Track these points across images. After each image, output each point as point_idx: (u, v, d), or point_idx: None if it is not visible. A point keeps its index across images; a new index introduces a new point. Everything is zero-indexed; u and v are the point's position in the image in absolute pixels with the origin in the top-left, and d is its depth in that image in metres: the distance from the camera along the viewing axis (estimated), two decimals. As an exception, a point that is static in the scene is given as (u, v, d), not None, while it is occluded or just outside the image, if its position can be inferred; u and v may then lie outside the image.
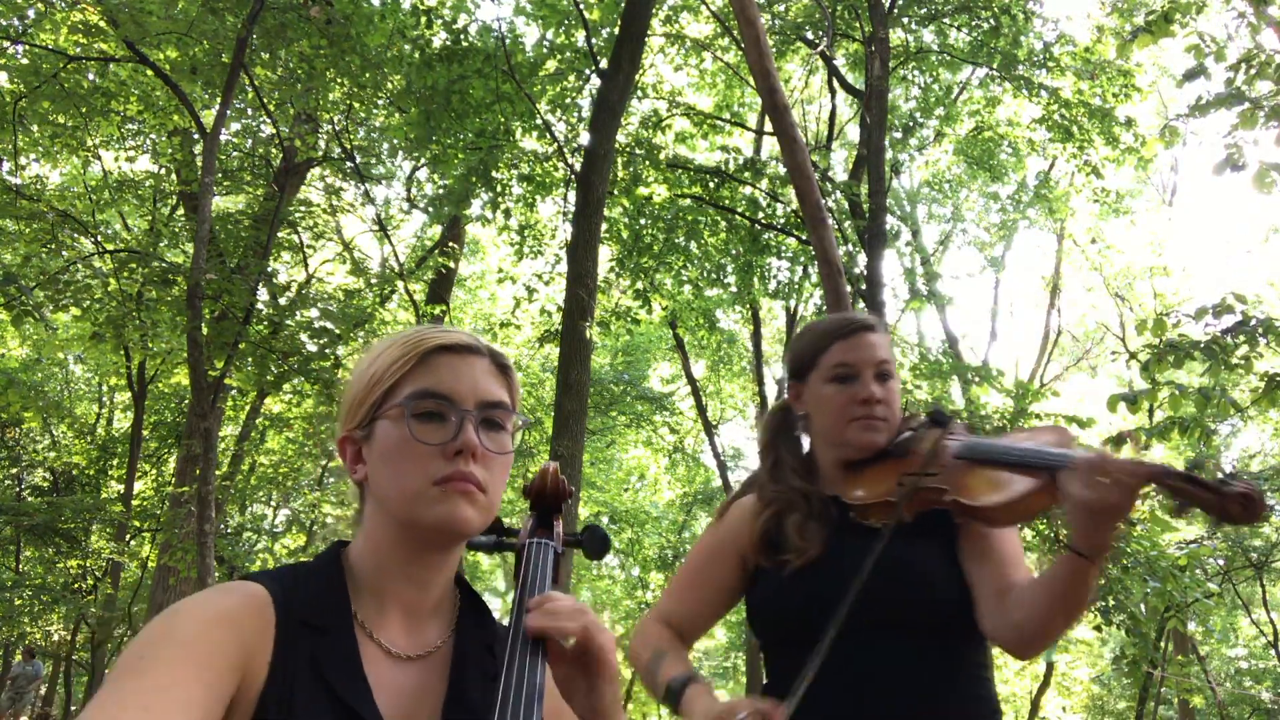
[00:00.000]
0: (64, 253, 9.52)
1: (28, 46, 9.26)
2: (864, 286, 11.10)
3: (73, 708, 15.14)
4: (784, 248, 12.18)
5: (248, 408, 13.52)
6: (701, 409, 17.21)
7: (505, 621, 1.03)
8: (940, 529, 1.58)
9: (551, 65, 11.71)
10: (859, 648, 1.49)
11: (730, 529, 1.73)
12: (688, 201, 11.97)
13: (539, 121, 10.99)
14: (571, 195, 10.87)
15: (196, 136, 10.24)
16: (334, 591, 0.98)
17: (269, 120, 10.44)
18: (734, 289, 13.04)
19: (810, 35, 13.29)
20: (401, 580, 1.01)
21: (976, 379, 11.87)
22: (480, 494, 0.98)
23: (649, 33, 10.97)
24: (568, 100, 12.09)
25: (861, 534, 1.53)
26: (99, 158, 12.23)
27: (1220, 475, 1.29)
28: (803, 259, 12.19)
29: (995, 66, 12.74)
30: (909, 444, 1.62)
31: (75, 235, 9.80)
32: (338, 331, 9.00)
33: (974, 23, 12.57)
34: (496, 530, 1.14)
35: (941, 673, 1.52)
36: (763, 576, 1.66)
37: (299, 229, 11.06)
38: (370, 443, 1.02)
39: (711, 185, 11.69)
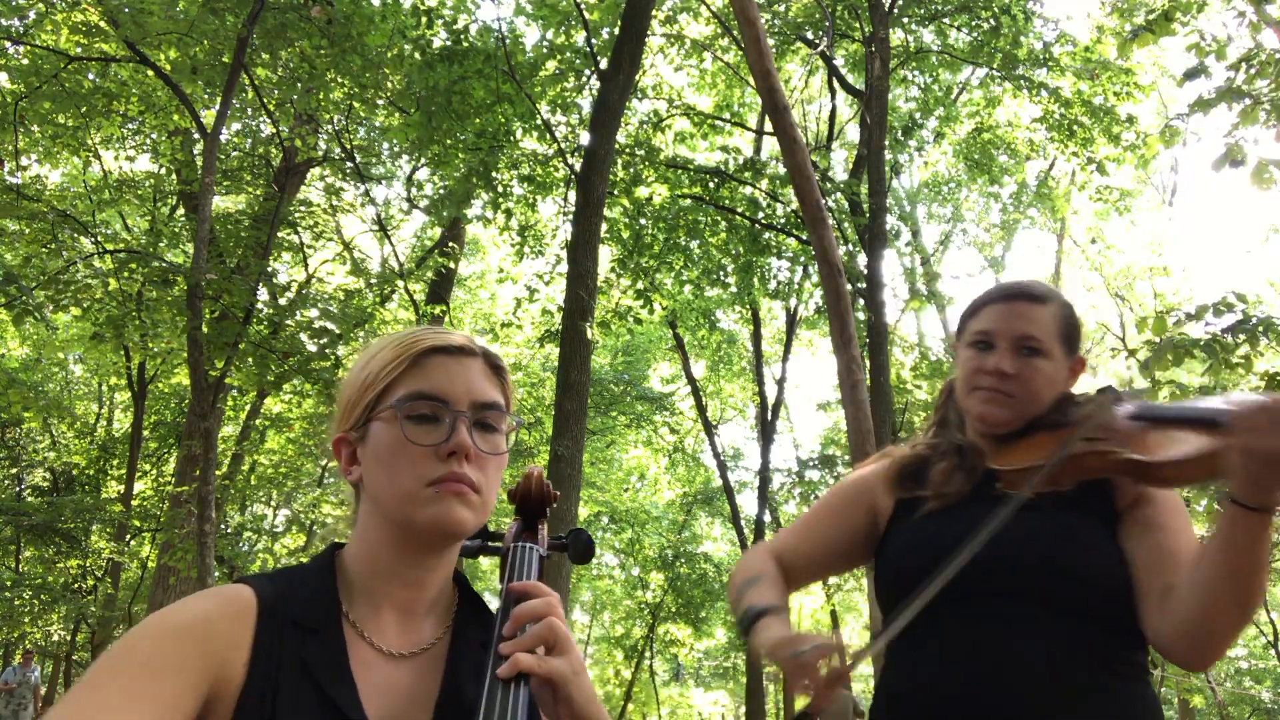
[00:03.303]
0: (64, 253, 9.51)
1: (28, 47, 9.27)
2: (864, 286, 11.10)
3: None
4: (784, 248, 12.17)
5: (248, 408, 13.53)
6: (701, 409, 17.20)
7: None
8: (1103, 511, 1.42)
9: (551, 66, 11.72)
10: (986, 618, 1.35)
11: (872, 471, 1.63)
12: (688, 201, 11.97)
13: (539, 122, 10.99)
14: (571, 195, 10.87)
15: (196, 136, 10.25)
16: (324, 591, 0.99)
17: (269, 120, 10.45)
18: (734, 289, 13.03)
19: (810, 35, 13.29)
20: (395, 581, 1.01)
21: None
22: (474, 495, 0.98)
23: (649, 33, 10.97)
24: (568, 101, 12.10)
25: (1009, 503, 1.38)
26: (99, 158, 12.26)
27: None
28: (803, 259, 12.19)
29: (995, 66, 12.74)
30: (1071, 414, 1.47)
31: (75, 235, 9.79)
32: (338, 331, 8.98)
33: (974, 23, 12.57)
34: (482, 535, 1.15)
35: (1085, 663, 1.32)
36: (894, 528, 1.55)
37: (299, 229, 11.04)
38: (364, 444, 1.02)
39: (711, 185, 11.69)
